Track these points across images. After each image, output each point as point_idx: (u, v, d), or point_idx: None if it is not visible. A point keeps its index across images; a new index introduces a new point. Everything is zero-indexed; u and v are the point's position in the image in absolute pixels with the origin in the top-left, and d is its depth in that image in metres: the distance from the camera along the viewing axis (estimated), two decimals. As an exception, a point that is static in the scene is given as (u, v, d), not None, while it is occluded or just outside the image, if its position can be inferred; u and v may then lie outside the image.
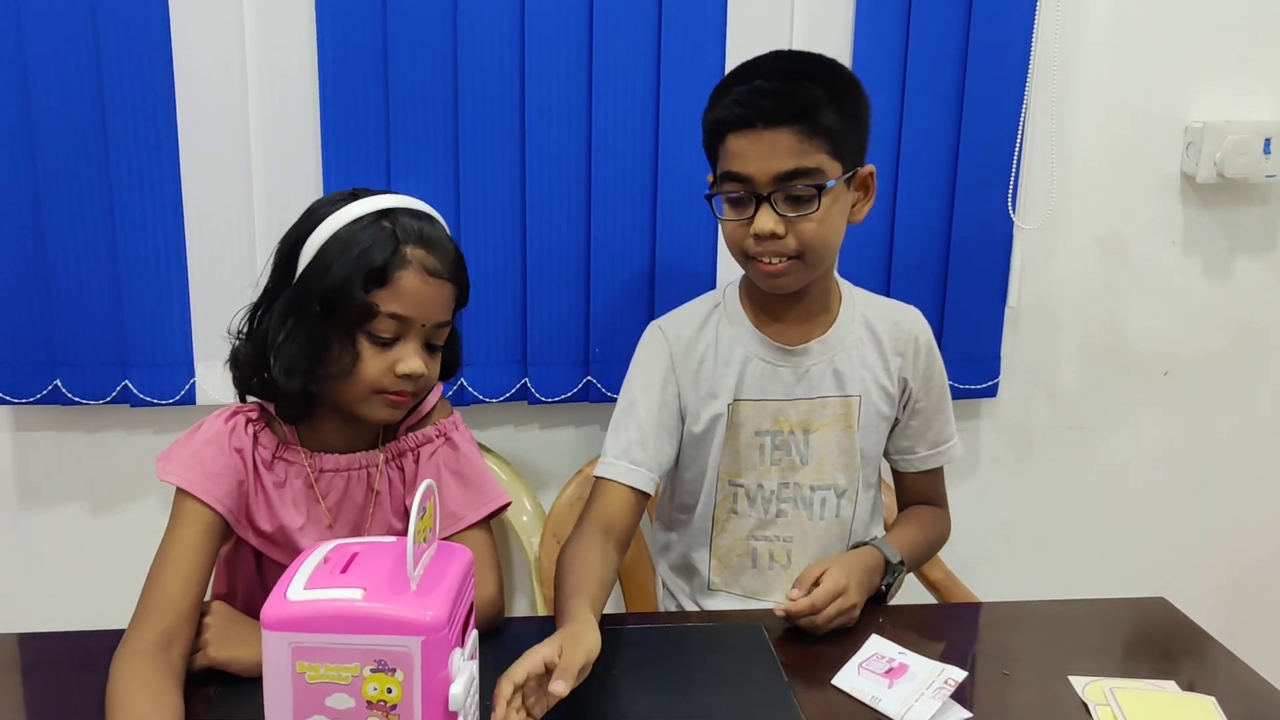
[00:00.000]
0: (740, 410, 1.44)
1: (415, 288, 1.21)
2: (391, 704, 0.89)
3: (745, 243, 1.34)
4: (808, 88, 1.30)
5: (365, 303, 1.19)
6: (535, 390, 1.74)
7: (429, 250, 1.22)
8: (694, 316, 1.48)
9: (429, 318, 1.23)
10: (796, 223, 1.31)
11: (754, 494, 1.47)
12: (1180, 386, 1.95)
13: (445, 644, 0.90)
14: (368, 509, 1.31)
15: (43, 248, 1.61)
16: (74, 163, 1.59)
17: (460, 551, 0.99)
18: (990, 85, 1.71)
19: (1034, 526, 1.98)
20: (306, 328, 1.20)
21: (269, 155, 1.64)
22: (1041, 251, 1.84)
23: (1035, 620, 1.34)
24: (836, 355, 1.44)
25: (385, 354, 1.22)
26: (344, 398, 1.24)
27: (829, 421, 1.45)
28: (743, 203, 1.33)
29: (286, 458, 1.28)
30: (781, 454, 1.45)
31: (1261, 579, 2.06)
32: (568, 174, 1.68)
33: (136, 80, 1.58)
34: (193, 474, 1.21)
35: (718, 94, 1.35)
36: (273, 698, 0.90)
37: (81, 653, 1.21)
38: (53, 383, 1.65)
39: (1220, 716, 1.11)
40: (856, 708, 1.13)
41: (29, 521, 1.78)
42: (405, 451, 1.33)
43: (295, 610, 0.89)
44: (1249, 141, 1.77)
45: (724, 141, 1.33)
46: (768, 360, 1.43)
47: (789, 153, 1.29)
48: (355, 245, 1.19)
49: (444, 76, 1.63)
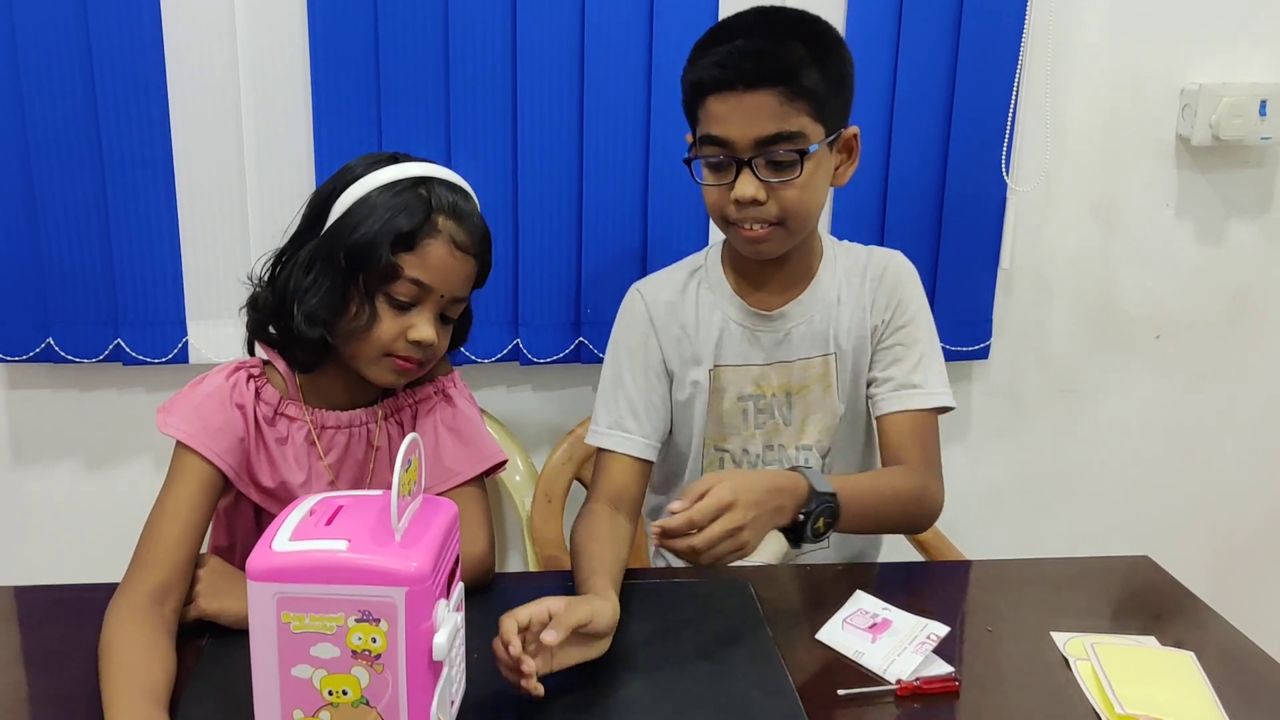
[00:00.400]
0: (721, 376, 1.44)
1: (441, 258, 1.22)
2: (376, 653, 0.90)
3: (726, 208, 1.32)
4: (790, 47, 1.27)
5: (390, 264, 1.20)
6: (527, 351, 1.75)
7: (460, 223, 1.24)
8: (674, 281, 1.47)
9: (449, 290, 1.24)
10: (778, 189, 1.29)
11: (739, 459, 1.47)
12: (1172, 350, 1.95)
13: (429, 595, 0.90)
14: (368, 465, 1.33)
15: (34, 206, 1.61)
16: (64, 119, 1.59)
17: (445, 505, 1.00)
18: (985, 46, 1.70)
19: (1024, 488, 1.99)
20: (330, 279, 1.22)
21: (260, 112, 1.64)
22: (1035, 214, 1.84)
23: (1021, 578, 1.35)
24: (815, 315, 1.42)
25: (400, 318, 1.23)
26: (355, 355, 1.25)
27: (810, 382, 1.44)
28: (723, 167, 1.31)
29: (288, 414, 1.29)
30: (765, 417, 1.45)
31: (1247, 543, 2.07)
32: (559, 135, 1.67)
33: (125, 37, 1.57)
34: (194, 428, 1.22)
35: (697, 53, 1.32)
36: (259, 647, 0.91)
37: (76, 605, 1.22)
38: (45, 341, 1.66)
39: (1198, 671, 1.12)
40: (840, 662, 1.14)
41: (23, 479, 1.79)
42: (403, 407, 1.34)
43: (280, 561, 0.89)
44: (1245, 104, 1.77)
45: (703, 103, 1.30)
46: (746, 326, 1.43)
47: (770, 116, 1.26)
48: (388, 207, 1.21)
49: (435, 40, 1.62)
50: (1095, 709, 1.07)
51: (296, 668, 0.90)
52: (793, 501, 1.18)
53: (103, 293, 1.65)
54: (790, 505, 1.17)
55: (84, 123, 1.59)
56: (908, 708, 1.07)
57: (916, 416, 1.41)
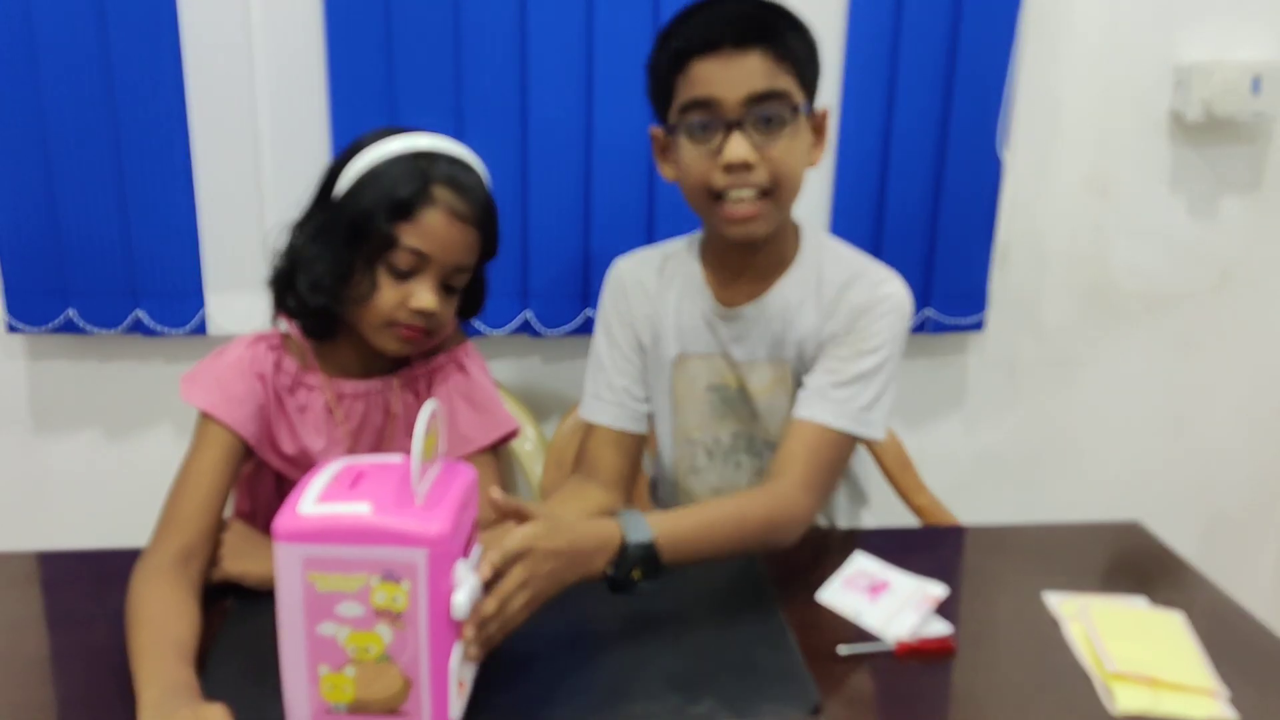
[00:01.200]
0: (687, 364, 1.42)
1: (437, 226, 1.24)
2: (398, 612, 0.93)
3: (712, 176, 1.26)
4: (774, 12, 1.27)
5: (388, 234, 1.22)
6: (537, 322, 1.78)
7: (457, 193, 1.25)
8: (649, 262, 1.45)
9: (448, 258, 1.26)
10: (768, 151, 1.25)
11: (712, 449, 1.46)
12: (1163, 323, 1.98)
13: (449, 555, 0.94)
14: (386, 432, 1.36)
15: (52, 179, 1.63)
16: (81, 92, 1.61)
17: (464, 469, 1.03)
18: (982, 23, 1.72)
19: (1018, 458, 2.02)
20: (333, 249, 1.24)
21: (276, 84, 1.66)
22: (1030, 189, 1.86)
23: (1015, 543, 1.39)
24: (773, 319, 1.37)
25: (401, 287, 1.25)
26: (361, 324, 1.28)
27: (768, 385, 1.40)
28: (709, 130, 1.26)
29: (307, 383, 1.32)
30: (733, 407, 1.43)
31: (1236, 511, 2.11)
32: (569, 108, 1.69)
33: (141, 9, 1.59)
34: (216, 397, 1.25)
35: (676, 25, 1.29)
36: (285, 606, 0.94)
37: (98, 570, 1.26)
38: (65, 312, 1.68)
39: (1187, 630, 1.16)
40: (840, 622, 1.18)
41: (44, 447, 1.82)
42: (419, 377, 1.37)
43: (307, 524, 0.93)
44: (1237, 81, 1.79)
45: (685, 70, 1.26)
46: (709, 318, 1.40)
47: (760, 74, 1.24)
48: (387, 178, 1.23)
49: (448, 14, 1.64)
50: (1085, 666, 1.10)
51: (322, 625, 0.94)
52: (603, 557, 1.08)
53: (121, 264, 1.67)
54: (600, 560, 1.08)
55: (101, 95, 1.61)
56: (906, 665, 1.11)
57: (819, 430, 1.29)
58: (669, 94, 1.29)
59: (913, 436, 1.91)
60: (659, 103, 1.33)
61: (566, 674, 1.06)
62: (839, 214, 1.80)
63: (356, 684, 0.95)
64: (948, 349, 1.94)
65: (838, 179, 1.79)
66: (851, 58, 1.74)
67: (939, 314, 1.84)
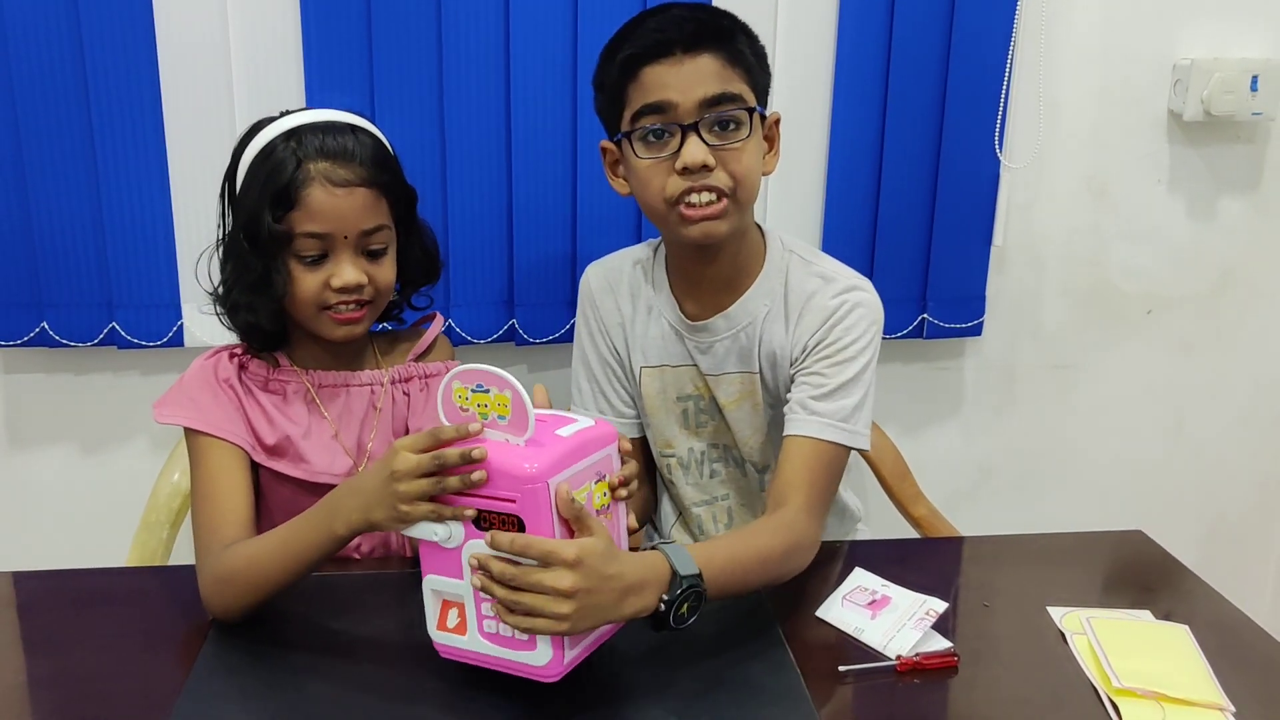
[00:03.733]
0: (661, 375, 1.42)
1: (322, 201, 1.21)
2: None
3: (668, 183, 1.24)
4: (723, 17, 1.27)
5: (279, 230, 1.21)
6: (523, 331, 1.75)
7: (333, 162, 1.22)
8: (619, 269, 1.44)
9: (348, 228, 1.23)
10: (725, 155, 1.23)
11: (686, 461, 1.45)
12: (1163, 326, 1.96)
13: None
14: (370, 422, 1.34)
15: (25, 189, 1.60)
16: (55, 102, 1.58)
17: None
18: (978, 23, 1.70)
19: (1017, 464, 2.01)
20: (242, 264, 1.23)
21: (252, 95, 1.63)
22: (1027, 191, 1.84)
23: (1016, 553, 1.37)
24: (740, 331, 1.36)
25: (317, 271, 1.23)
26: (299, 320, 1.27)
27: (737, 397, 1.39)
28: (665, 136, 1.24)
29: (281, 378, 1.31)
30: (706, 418, 1.43)
31: (1238, 517, 2.09)
32: (553, 114, 1.67)
33: (116, 20, 1.56)
34: (190, 412, 1.25)
35: (623, 35, 1.28)
36: None
37: (73, 590, 1.24)
38: (40, 325, 1.65)
39: (1193, 644, 1.14)
40: (840, 638, 1.16)
41: (18, 463, 1.79)
42: (412, 377, 1.36)
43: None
44: (1236, 79, 1.77)
45: (637, 76, 1.24)
46: (676, 329, 1.39)
47: (713, 77, 1.23)
48: (262, 171, 1.22)
49: (427, 17, 1.61)
50: (1092, 682, 1.08)
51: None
52: (653, 591, 1.02)
53: (97, 276, 1.64)
54: (651, 595, 1.01)
55: (75, 106, 1.58)
56: (908, 683, 1.08)
57: (813, 446, 1.27)
58: (620, 103, 1.27)
59: (910, 442, 1.88)
60: (608, 115, 1.31)
61: (562, 694, 1.04)
62: (832, 218, 1.77)
63: None
64: (945, 354, 1.92)
65: (831, 183, 1.76)
66: (843, 59, 1.71)
67: (936, 318, 1.82)
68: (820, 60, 1.72)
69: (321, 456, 1.31)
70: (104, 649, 1.12)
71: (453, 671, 1.06)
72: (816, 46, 1.71)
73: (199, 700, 1.03)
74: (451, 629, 1.03)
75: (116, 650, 1.12)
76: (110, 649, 1.12)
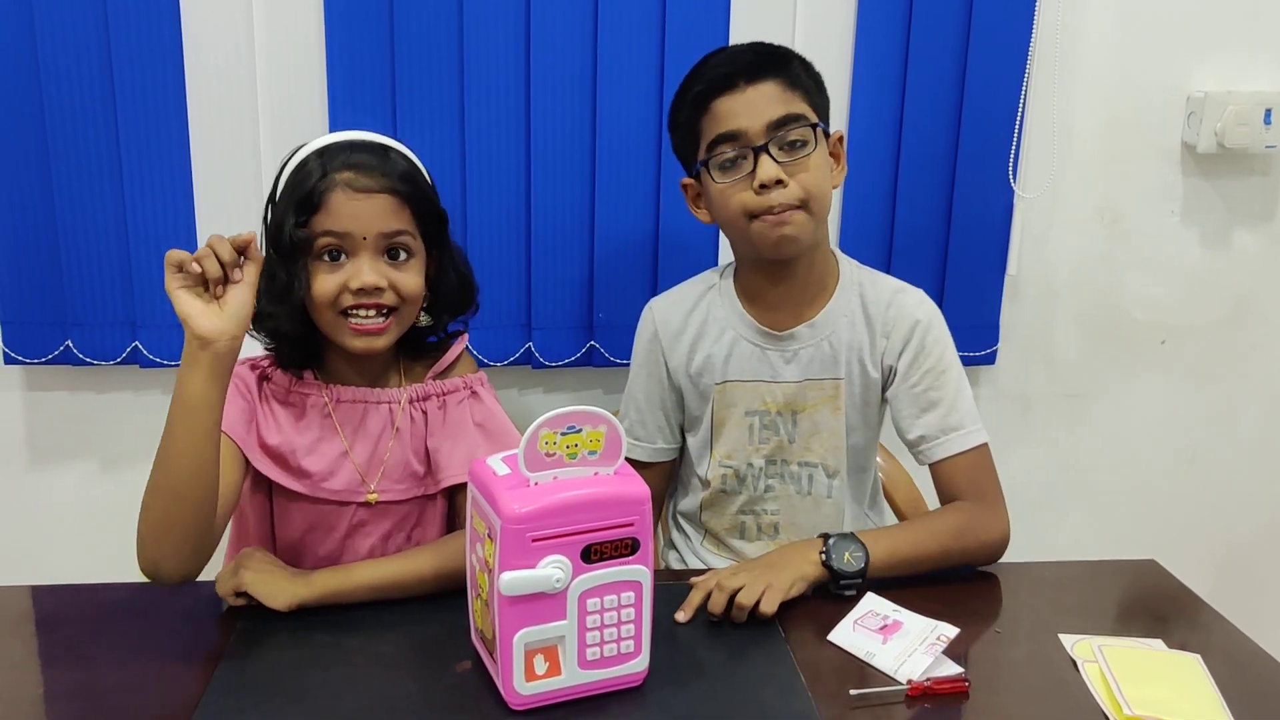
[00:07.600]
0: (729, 391, 1.47)
1: (342, 203, 1.24)
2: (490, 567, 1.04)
3: (746, 199, 1.35)
4: (778, 49, 1.41)
5: (301, 235, 1.23)
6: (539, 354, 1.76)
7: (355, 171, 1.25)
8: (687, 298, 1.51)
9: (367, 229, 1.25)
10: (795, 170, 1.34)
11: (744, 473, 1.50)
12: (1177, 356, 1.96)
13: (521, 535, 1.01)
14: (386, 441, 1.35)
15: (53, 209, 1.62)
16: (82, 123, 1.61)
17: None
18: (993, 54, 1.72)
19: (1030, 492, 1.98)
20: (269, 273, 1.24)
21: (276, 114, 1.65)
22: (1041, 220, 1.85)
23: (1028, 581, 1.37)
24: (829, 337, 1.45)
25: (337, 273, 1.25)
26: (321, 328, 1.29)
27: (817, 403, 1.47)
28: (738, 162, 1.36)
29: (302, 390, 1.33)
30: (770, 433, 1.48)
31: (1252, 547, 2.08)
32: (573, 138, 1.69)
33: (144, 40, 1.59)
34: None
35: (691, 77, 1.40)
36: None
37: (92, 605, 1.25)
38: (64, 343, 1.67)
39: (1205, 674, 1.13)
40: (852, 663, 1.16)
41: (41, 479, 1.80)
42: (430, 395, 1.37)
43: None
44: (1250, 112, 1.78)
45: (708, 110, 1.36)
46: (755, 343, 1.46)
47: (776, 101, 1.35)
48: (290, 185, 1.26)
49: (449, 41, 1.63)
50: (1103, 710, 1.08)
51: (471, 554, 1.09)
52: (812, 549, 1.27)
53: (121, 296, 1.67)
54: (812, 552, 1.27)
55: (103, 129, 1.61)
56: (918, 708, 1.08)
57: (965, 457, 1.42)
58: (695, 137, 1.39)
59: (923, 470, 1.88)
60: (685, 152, 1.44)
61: (574, 715, 1.04)
62: (847, 246, 1.78)
63: (481, 617, 1.09)
64: (958, 382, 1.92)
65: (846, 211, 1.78)
66: (858, 88, 1.73)
67: (949, 346, 1.82)
68: (836, 89, 1.71)
69: (326, 471, 1.32)
70: (122, 663, 1.13)
71: (471, 690, 1.07)
72: (832, 76, 1.70)
73: (216, 715, 1.04)
74: (541, 675, 1.03)
75: (135, 664, 1.13)
76: (129, 663, 1.13)
